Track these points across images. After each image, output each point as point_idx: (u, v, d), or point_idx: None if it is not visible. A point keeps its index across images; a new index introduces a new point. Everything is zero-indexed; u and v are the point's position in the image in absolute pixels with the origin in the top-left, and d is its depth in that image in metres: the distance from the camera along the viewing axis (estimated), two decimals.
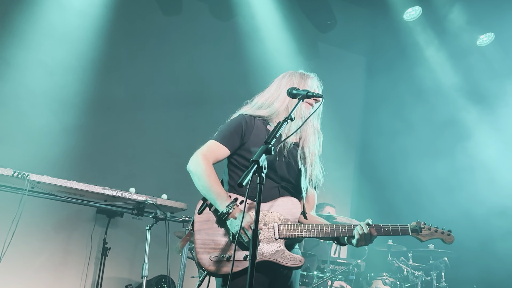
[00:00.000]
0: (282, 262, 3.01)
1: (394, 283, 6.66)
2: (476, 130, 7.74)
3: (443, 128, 8.03)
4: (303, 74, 3.39)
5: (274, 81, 3.42)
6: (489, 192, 7.19)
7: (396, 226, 3.16)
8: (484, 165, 7.41)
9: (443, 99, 8.17)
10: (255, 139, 3.19)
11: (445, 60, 8.32)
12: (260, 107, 3.30)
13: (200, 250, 2.99)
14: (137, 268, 7.12)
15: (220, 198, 3.01)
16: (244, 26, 8.57)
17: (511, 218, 6.99)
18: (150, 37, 8.05)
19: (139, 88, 7.79)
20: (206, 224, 3.05)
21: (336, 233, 3.10)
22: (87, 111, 7.20)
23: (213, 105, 7.88)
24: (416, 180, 7.76)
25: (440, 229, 3.27)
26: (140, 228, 6.73)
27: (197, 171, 3.08)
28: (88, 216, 6.96)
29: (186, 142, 7.63)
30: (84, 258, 6.84)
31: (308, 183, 3.29)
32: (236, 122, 3.23)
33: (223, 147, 3.17)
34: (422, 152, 7.96)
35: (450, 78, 8.21)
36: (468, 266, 7.00)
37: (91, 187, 4.98)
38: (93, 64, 7.31)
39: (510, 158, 7.34)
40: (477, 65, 7.99)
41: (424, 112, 8.19)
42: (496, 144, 7.48)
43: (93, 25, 7.36)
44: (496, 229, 7.03)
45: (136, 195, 5.17)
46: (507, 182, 7.19)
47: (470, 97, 7.99)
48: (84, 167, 6.99)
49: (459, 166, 7.50)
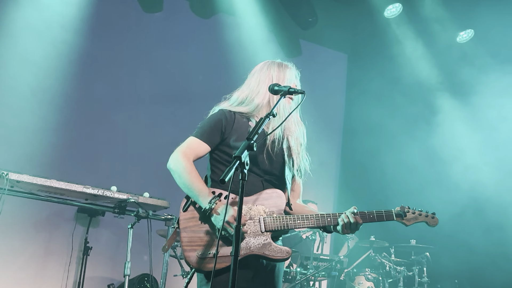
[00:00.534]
0: (269, 255, 3.01)
1: (377, 279, 6.69)
2: (455, 122, 7.84)
3: (424, 121, 8.10)
4: (281, 65, 3.37)
5: (253, 74, 3.39)
6: (466, 185, 7.29)
7: (381, 212, 3.17)
8: (462, 159, 7.51)
9: (424, 94, 8.24)
10: (236, 134, 3.17)
11: (425, 57, 8.39)
12: (241, 103, 3.28)
13: (187, 248, 2.98)
14: (119, 267, 7.04)
15: (202, 195, 2.99)
16: (225, 23, 8.55)
17: (489, 211, 7.08)
18: (131, 34, 7.99)
19: (120, 86, 7.74)
20: (192, 221, 3.04)
21: (321, 223, 3.11)
22: (67, 109, 7.13)
23: (194, 102, 7.84)
24: (399, 173, 7.84)
25: (424, 212, 3.27)
26: (121, 227, 6.69)
27: (177, 169, 3.06)
28: (69, 215, 6.89)
29: (167, 140, 7.52)
30: (66, 258, 6.77)
31: (295, 172, 3.29)
32: (216, 118, 3.21)
33: (203, 143, 3.15)
34: (404, 145, 8.02)
35: (430, 74, 8.30)
36: (450, 260, 7.06)
37: (72, 185, 4.94)
38: (73, 61, 7.23)
39: (486, 151, 7.43)
40: (456, 61, 8.08)
41: (405, 107, 8.26)
42: (475, 138, 7.57)
43: (73, 23, 7.29)
44: (475, 223, 7.11)
45: (118, 193, 5.13)
46: (484, 174, 7.29)
47: (450, 91, 8.08)
48: (65, 165, 6.92)
49: (439, 158, 7.58)
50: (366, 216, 3.13)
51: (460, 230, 7.03)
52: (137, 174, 7.39)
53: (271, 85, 3.13)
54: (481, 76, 7.72)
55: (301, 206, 3.38)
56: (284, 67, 3.36)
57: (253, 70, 3.42)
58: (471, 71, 7.87)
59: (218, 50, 8.38)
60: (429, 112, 8.09)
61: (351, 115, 9.73)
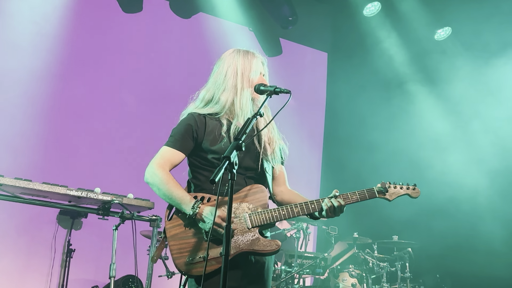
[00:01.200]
0: (259, 250, 3.02)
1: (360, 275, 6.75)
2: (432, 115, 7.95)
3: (403, 117, 8.20)
4: (246, 55, 3.33)
5: (218, 66, 3.36)
6: (444, 180, 7.41)
7: (363, 191, 3.17)
8: (445, 157, 7.63)
9: (403, 91, 8.35)
10: (209, 137, 3.17)
11: (404, 54, 8.50)
12: (208, 103, 3.27)
13: (176, 256, 2.98)
14: (103, 268, 7.02)
15: (184, 202, 3.00)
16: (205, 22, 8.54)
17: (468, 206, 7.19)
18: (111, 34, 7.93)
19: (101, 86, 7.68)
20: (178, 229, 3.05)
21: (306, 211, 3.11)
22: (49, 110, 7.07)
23: (176, 102, 7.76)
24: (382, 166, 7.94)
25: (405, 185, 3.28)
26: (104, 228, 6.63)
27: (155, 182, 3.07)
28: (51, 217, 6.80)
29: (150, 140, 7.59)
30: (48, 260, 6.69)
31: (273, 160, 3.29)
32: (186, 124, 3.20)
33: (177, 152, 3.15)
34: (386, 139, 8.13)
35: (408, 70, 8.41)
36: (431, 255, 7.16)
37: (55, 188, 4.88)
38: (53, 63, 7.17)
39: (461, 145, 7.55)
40: (433, 58, 8.20)
41: (385, 101, 8.35)
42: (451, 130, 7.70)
43: (52, 24, 7.22)
44: (456, 218, 7.22)
45: (102, 195, 5.09)
46: (461, 170, 7.41)
47: (428, 88, 8.19)
48: (47, 167, 6.86)
49: (419, 152, 7.69)
50: (349, 197, 3.12)
51: (441, 225, 7.13)
52: (121, 175, 7.34)
53: (257, 85, 3.15)
54: (456, 70, 7.87)
55: (288, 194, 3.39)
56: (251, 56, 3.33)
57: (219, 60, 3.38)
58: (447, 66, 8.01)
59: (198, 50, 8.36)
60: (408, 106, 8.19)
61: (332, 112, 9.81)
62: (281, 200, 3.36)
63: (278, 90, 3.05)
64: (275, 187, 3.38)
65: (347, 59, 9.33)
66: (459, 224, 7.20)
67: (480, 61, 7.58)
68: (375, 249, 6.94)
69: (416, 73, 8.33)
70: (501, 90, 7.29)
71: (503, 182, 7.09)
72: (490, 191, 7.17)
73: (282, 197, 3.36)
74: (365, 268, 6.80)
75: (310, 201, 3.14)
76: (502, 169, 7.09)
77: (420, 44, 8.39)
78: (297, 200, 3.25)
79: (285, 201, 3.34)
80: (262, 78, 3.30)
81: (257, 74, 3.27)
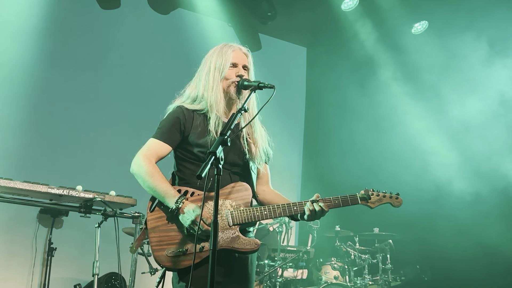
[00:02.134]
0: (239, 248, 3.04)
1: (343, 267, 6.82)
2: (412, 111, 8.05)
3: (383, 110, 8.29)
4: (221, 49, 3.33)
5: (201, 65, 3.38)
6: (426, 173, 7.52)
7: (345, 197, 3.20)
8: (419, 145, 7.75)
9: (381, 84, 8.42)
10: (196, 131, 3.18)
11: (382, 47, 8.57)
12: (194, 101, 3.28)
13: (156, 248, 2.99)
14: (85, 267, 6.98)
15: (168, 196, 3.00)
16: (184, 18, 8.52)
17: (449, 197, 7.30)
18: (89, 31, 7.86)
19: (80, 83, 7.61)
20: (159, 221, 3.05)
21: (288, 213, 3.14)
22: (29, 108, 6.99)
23: (156, 98, 7.77)
24: (362, 159, 8.03)
25: (388, 193, 3.31)
26: (86, 226, 6.60)
27: (140, 173, 3.07)
28: (31, 216, 6.77)
29: (131, 137, 7.55)
30: (29, 260, 6.66)
31: (258, 159, 3.31)
32: (174, 117, 3.21)
33: (164, 144, 3.15)
34: (365, 132, 8.21)
35: (386, 63, 8.48)
36: (412, 247, 7.25)
37: (36, 186, 4.86)
38: (33, 60, 7.09)
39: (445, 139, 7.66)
40: (412, 52, 8.29)
41: (364, 96, 8.42)
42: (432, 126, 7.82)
43: (30, 20, 7.13)
44: (436, 209, 7.33)
45: (84, 192, 5.08)
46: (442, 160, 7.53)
47: (407, 82, 8.28)
48: (28, 166, 6.78)
49: (400, 148, 7.78)
50: (331, 202, 3.15)
51: (421, 216, 7.22)
52: (102, 173, 7.31)
53: (241, 80, 3.18)
54: (435, 66, 7.98)
55: (270, 194, 3.42)
56: (225, 49, 3.32)
57: (204, 58, 3.40)
58: (425, 61, 8.10)
59: (177, 46, 8.34)
60: (388, 99, 8.27)
61: (312, 106, 9.87)
62: (263, 199, 3.39)
63: (262, 85, 3.08)
64: (258, 186, 3.41)
65: (326, 54, 9.38)
66: (438, 212, 7.31)
67: (456, 56, 7.69)
68: (356, 242, 7.00)
69: (394, 66, 8.40)
70: (477, 84, 7.41)
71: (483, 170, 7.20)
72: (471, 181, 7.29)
73: (264, 196, 3.39)
74: (347, 261, 6.87)
75: (292, 203, 3.16)
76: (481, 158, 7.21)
77: (397, 38, 8.46)
78: (279, 201, 3.29)
79: (266, 201, 3.37)
80: (235, 69, 3.28)
81: (227, 66, 3.26)
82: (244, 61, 3.33)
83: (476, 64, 7.39)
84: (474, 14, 7.31)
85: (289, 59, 9.85)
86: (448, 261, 7.15)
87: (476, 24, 7.28)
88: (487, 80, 7.26)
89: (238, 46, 3.37)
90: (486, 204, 6.98)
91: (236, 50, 3.33)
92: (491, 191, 6.96)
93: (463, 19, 7.43)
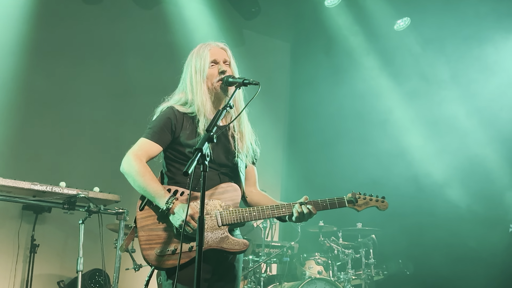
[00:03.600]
0: (227, 248, 3.07)
1: (326, 262, 6.86)
2: (397, 108, 8.13)
3: (367, 108, 8.35)
4: (199, 49, 3.31)
5: (184, 71, 3.36)
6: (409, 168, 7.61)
7: (333, 200, 3.24)
8: (403, 141, 7.83)
9: (364, 80, 8.48)
10: (186, 131, 3.18)
11: (365, 44, 8.63)
12: (184, 104, 3.27)
13: (145, 247, 2.99)
14: (68, 263, 6.97)
15: (158, 196, 3.00)
16: (168, 14, 8.49)
17: (433, 191, 7.40)
18: (72, 27, 7.80)
19: (64, 80, 7.57)
20: (149, 220, 3.05)
21: (276, 214, 3.17)
22: (11, 104, 6.92)
23: (139, 95, 7.77)
24: (346, 156, 8.08)
25: (374, 197, 3.37)
26: (69, 223, 6.59)
27: (131, 172, 3.06)
28: (14, 213, 6.73)
29: (114, 133, 7.54)
30: (12, 256, 6.63)
31: (246, 159, 3.33)
32: (165, 117, 3.20)
33: (154, 144, 3.14)
34: (349, 130, 8.26)
35: (369, 60, 8.55)
36: (394, 242, 7.33)
37: (19, 183, 4.81)
38: (15, 55, 7.03)
39: (429, 139, 7.75)
40: (395, 48, 8.36)
41: (347, 93, 8.47)
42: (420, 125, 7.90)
43: (12, 17, 7.06)
44: (417, 204, 7.42)
45: (67, 189, 5.03)
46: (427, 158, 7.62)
47: (390, 78, 8.35)
48: (10, 162, 6.74)
49: (384, 145, 7.85)
50: (319, 204, 3.19)
51: (404, 211, 7.29)
52: (85, 169, 7.29)
53: (226, 77, 3.18)
54: (417, 62, 8.06)
55: (258, 195, 3.43)
56: (203, 49, 3.31)
57: (185, 63, 3.38)
58: (408, 58, 8.18)
59: (161, 42, 8.31)
60: (372, 98, 8.33)
61: (295, 102, 9.90)
62: (250, 200, 3.39)
63: (246, 81, 3.08)
64: (246, 187, 3.41)
65: (309, 50, 9.41)
66: (419, 207, 7.40)
67: (439, 52, 7.78)
68: (340, 237, 7.05)
69: (378, 63, 8.46)
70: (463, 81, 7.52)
71: (462, 164, 7.30)
72: (451, 174, 7.39)
73: (252, 197, 3.40)
74: (330, 256, 6.91)
75: (281, 204, 3.19)
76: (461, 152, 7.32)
77: (380, 34, 8.52)
78: (266, 202, 3.31)
79: (253, 202, 3.38)
80: (216, 66, 3.26)
81: (206, 66, 3.25)
82: (223, 56, 3.32)
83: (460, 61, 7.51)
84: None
85: (272, 54, 9.87)
86: (430, 255, 7.25)
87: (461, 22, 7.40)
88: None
89: (214, 43, 3.36)
90: (470, 199, 7.10)
91: (212, 47, 3.32)
92: (473, 183, 7.09)
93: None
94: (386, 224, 7.08)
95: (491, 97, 7.14)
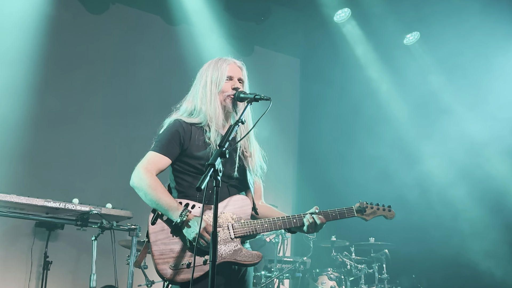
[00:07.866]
0: (241, 260, 3.06)
1: (339, 278, 6.82)
2: (407, 122, 8.12)
3: (376, 124, 8.34)
4: (216, 63, 3.34)
5: (196, 79, 3.39)
6: (421, 182, 7.57)
7: (342, 210, 3.29)
8: (414, 158, 7.81)
9: (374, 94, 8.49)
10: (194, 143, 3.18)
11: (374, 58, 8.66)
12: (191, 114, 3.28)
13: (159, 261, 2.97)
14: (81, 280, 6.98)
15: (171, 209, 2.99)
16: (180, 31, 8.56)
17: (445, 206, 7.35)
18: (85, 43, 7.87)
19: (75, 98, 7.62)
20: (161, 234, 3.03)
21: (288, 225, 3.18)
22: (25, 123, 6.98)
23: (150, 111, 7.81)
24: (356, 171, 8.06)
25: (381, 206, 3.40)
26: (81, 240, 6.61)
27: (142, 186, 3.05)
28: (27, 230, 6.77)
29: (126, 150, 7.57)
30: (25, 274, 6.64)
31: (254, 173, 3.34)
32: (173, 130, 3.20)
33: (163, 157, 3.14)
34: (359, 144, 8.25)
35: (379, 74, 8.56)
36: (407, 256, 7.27)
37: (33, 200, 4.84)
38: (27, 76, 7.08)
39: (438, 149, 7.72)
40: (404, 63, 8.37)
41: (359, 106, 8.47)
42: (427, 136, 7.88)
43: (24, 33, 7.14)
44: (429, 218, 7.37)
45: (80, 205, 5.06)
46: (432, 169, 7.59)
47: (400, 92, 8.35)
48: (24, 180, 6.77)
49: (392, 157, 7.82)
50: (329, 214, 3.23)
51: (416, 225, 7.25)
52: (98, 186, 7.33)
53: (237, 93, 3.20)
54: (428, 75, 8.06)
55: (265, 208, 3.44)
56: (220, 63, 3.34)
57: (199, 72, 3.41)
58: (418, 71, 8.19)
59: (171, 58, 8.37)
60: (382, 111, 8.34)
61: (306, 117, 9.91)
62: (259, 213, 3.38)
63: (258, 97, 3.10)
64: (254, 199, 3.39)
65: (319, 65, 9.44)
66: (433, 224, 7.34)
67: (449, 67, 7.79)
68: (352, 252, 7.03)
69: (388, 78, 8.48)
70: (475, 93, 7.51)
71: (473, 178, 7.25)
72: (462, 189, 7.34)
73: (260, 210, 3.39)
74: (343, 271, 6.88)
75: (292, 215, 3.21)
76: (471, 165, 7.27)
77: (390, 49, 8.55)
78: (274, 215, 3.31)
79: (261, 215, 3.36)
80: (230, 82, 3.29)
81: (223, 79, 3.27)
82: (239, 74, 3.35)
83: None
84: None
85: (282, 70, 9.91)
86: (443, 270, 7.19)
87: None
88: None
89: (232, 60, 3.39)
90: (479, 212, 7.05)
91: (231, 63, 3.36)
92: (488, 200, 7.05)
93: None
94: (399, 239, 7.05)
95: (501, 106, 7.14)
